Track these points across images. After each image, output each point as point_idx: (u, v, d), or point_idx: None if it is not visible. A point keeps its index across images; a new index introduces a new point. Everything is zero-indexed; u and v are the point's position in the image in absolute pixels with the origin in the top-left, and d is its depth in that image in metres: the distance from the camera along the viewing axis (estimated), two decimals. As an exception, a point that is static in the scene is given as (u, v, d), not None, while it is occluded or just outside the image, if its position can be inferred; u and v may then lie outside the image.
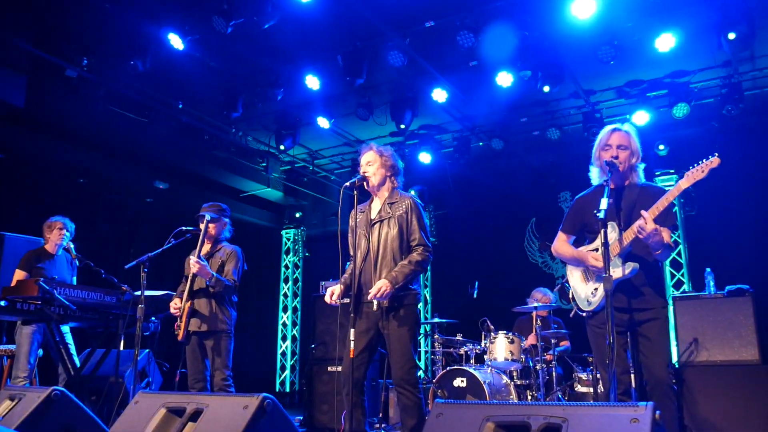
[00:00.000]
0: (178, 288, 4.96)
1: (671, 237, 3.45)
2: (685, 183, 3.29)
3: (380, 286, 3.74)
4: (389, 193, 4.09)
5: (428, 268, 4.16)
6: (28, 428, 2.86)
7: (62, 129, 8.04)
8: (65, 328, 5.56)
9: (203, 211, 4.91)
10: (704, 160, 3.25)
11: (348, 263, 4.16)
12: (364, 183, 4.04)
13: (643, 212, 3.25)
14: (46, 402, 2.96)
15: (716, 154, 3.22)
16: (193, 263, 4.62)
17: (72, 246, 5.72)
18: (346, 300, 3.96)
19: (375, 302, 3.84)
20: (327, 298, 4.02)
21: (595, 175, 3.71)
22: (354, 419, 3.76)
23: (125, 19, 6.53)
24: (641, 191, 3.54)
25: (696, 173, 3.26)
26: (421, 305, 10.95)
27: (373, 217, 4.05)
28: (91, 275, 5.47)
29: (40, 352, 5.62)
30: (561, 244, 3.81)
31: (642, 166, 3.63)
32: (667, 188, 3.41)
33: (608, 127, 3.66)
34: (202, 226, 4.83)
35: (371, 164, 4.06)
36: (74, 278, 5.95)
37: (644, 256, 3.43)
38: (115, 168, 9.00)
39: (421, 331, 8.89)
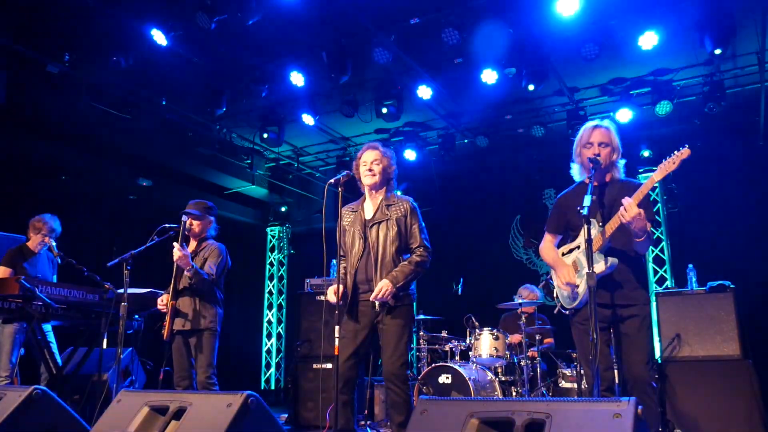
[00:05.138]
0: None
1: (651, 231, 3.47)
2: (658, 175, 3.32)
3: (382, 287, 3.74)
4: (385, 194, 4.07)
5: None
6: (8, 428, 2.82)
7: (44, 125, 7.93)
8: (47, 327, 5.51)
9: (186, 209, 4.87)
10: (675, 152, 3.27)
11: (339, 261, 4.04)
12: (358, 182, 4.04)
13: (626, 198, 3.26)
14: (27, 401, 2.92)
15: (686, 146, 3.25)
16: (176, 249, 4.53)
17: (54, 244, 5.66)
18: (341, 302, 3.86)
19: (376, 302, 3.80)
20: (331, 297, 3.84)
21: (576, 172, 3.72)
22: (344, 417, 3.75)
23: (107, 15, 6.45)
24: (622, 187, 3.55)
25: (668, 165, 3.29)
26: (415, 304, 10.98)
27: (368, 218, 4.01)
28: (73, 273, 5.40)
29: (22, 351, 5.56)
30: (546, 246, 3.83)
31: (623, 161, 3.65)
32: (647, 184, 3.43)
33: (589, 124, 3.67)
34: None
35: (377, 163, 4.01)
36: (54, 276, 5.90)
37: (625, 250, 3.45)
38: (98, 165, 8.91)
39: (414, 328, 8.90)
